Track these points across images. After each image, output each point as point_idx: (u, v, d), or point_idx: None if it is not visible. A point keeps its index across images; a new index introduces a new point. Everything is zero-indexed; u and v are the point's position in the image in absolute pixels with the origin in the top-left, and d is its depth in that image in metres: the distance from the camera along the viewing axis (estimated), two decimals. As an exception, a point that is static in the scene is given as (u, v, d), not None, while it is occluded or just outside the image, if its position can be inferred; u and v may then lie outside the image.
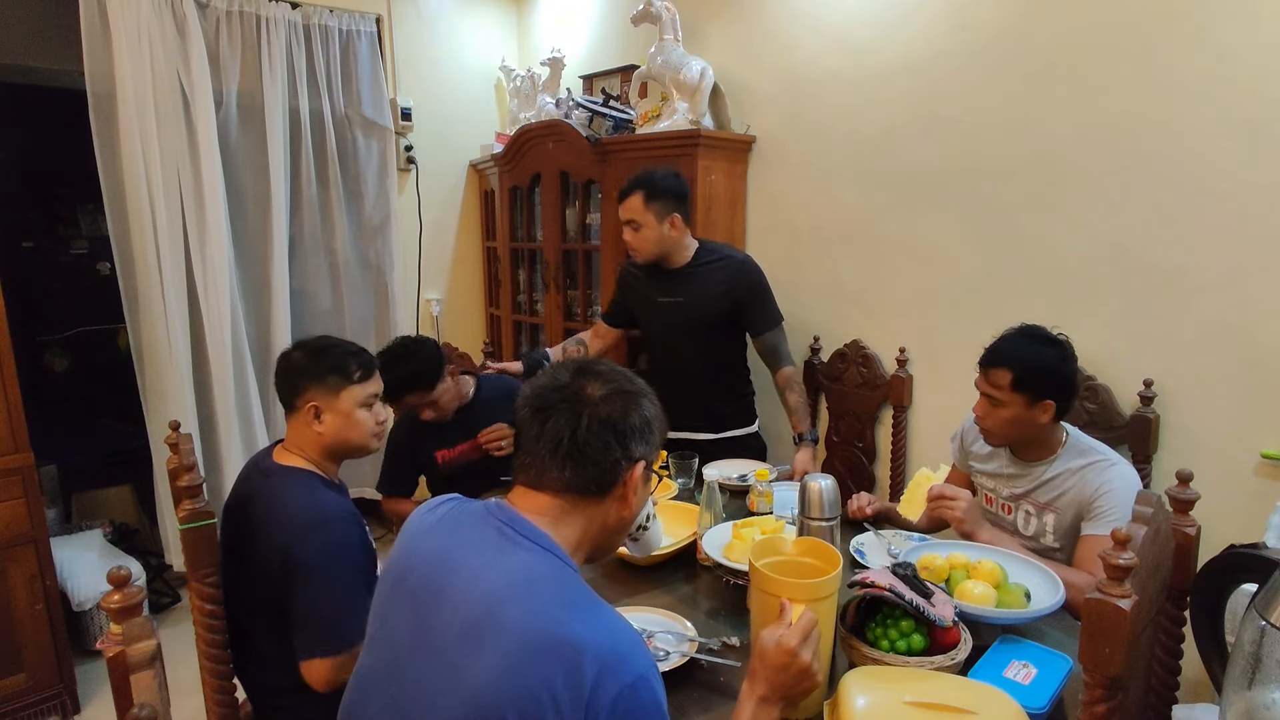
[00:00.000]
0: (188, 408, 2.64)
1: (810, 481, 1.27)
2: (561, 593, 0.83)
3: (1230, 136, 1.56)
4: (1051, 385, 1.44)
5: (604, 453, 0.90)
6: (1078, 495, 1.47)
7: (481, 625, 0.79)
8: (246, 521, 1.36)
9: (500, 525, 0.89)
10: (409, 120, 3.21)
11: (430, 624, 0.84)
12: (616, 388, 0.94)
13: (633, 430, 0.92)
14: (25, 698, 2.14)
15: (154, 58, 2.49)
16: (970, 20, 1.95)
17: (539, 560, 0.86)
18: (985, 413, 1.51)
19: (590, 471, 0.91)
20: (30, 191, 3.85)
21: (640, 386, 0.97)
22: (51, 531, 2.33)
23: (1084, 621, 0.85)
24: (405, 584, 0.90)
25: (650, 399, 0.97)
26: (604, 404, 0.92)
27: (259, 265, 2.88)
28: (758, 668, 0.94)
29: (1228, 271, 1.59)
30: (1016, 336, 1.51)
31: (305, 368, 1.41)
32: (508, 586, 0.82)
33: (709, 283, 2.07)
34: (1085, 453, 1.49)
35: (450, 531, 0.92)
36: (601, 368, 0.97)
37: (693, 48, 2.59)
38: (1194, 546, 1.20)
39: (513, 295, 3.31)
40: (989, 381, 1.48)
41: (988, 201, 1.98)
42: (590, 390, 0.93)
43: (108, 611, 0.89)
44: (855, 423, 2.39)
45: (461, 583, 0.84)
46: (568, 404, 0.91)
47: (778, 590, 1.00)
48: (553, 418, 0.91)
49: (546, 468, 0.91)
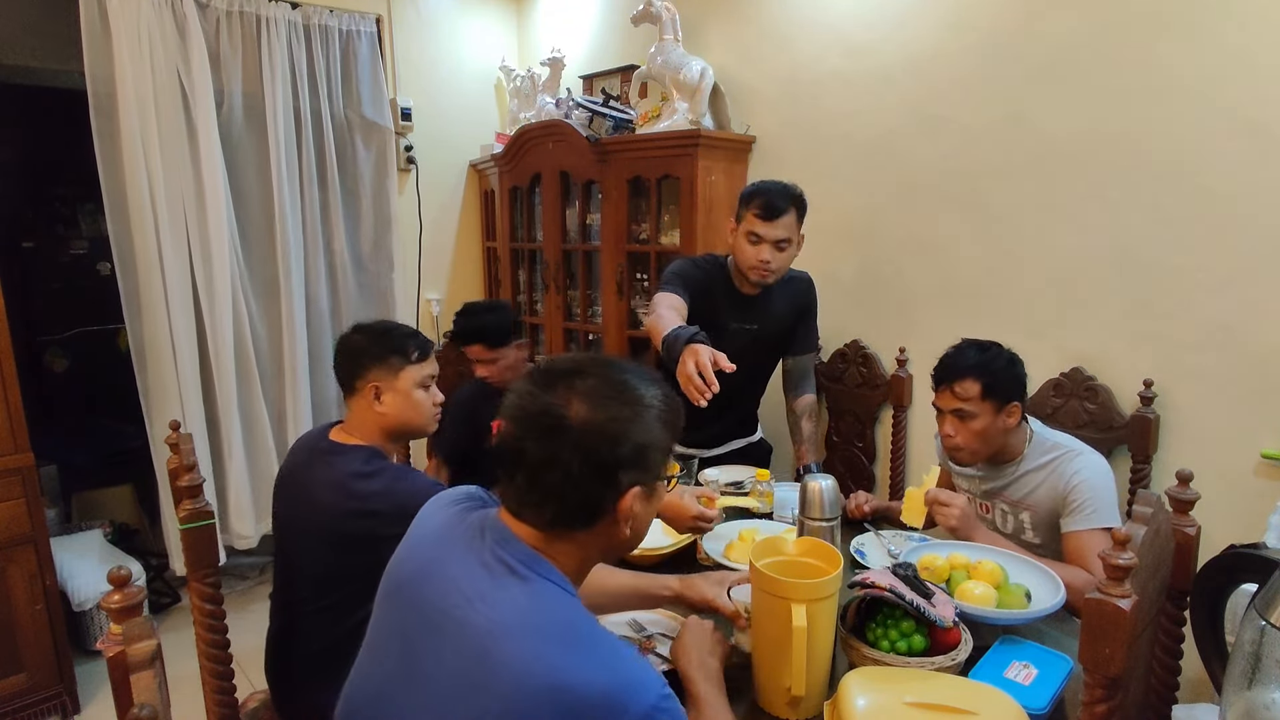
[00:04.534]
0: (191, 408, 2.64)
1: (810, 481, 1.27)
2: (564, 631, 0.76)
3: (1230, 136, 1.56)
4: (1015, 387, 1.48)
5: (586, 490, 0.81)
6: (1050, 490, 1.49)
7: (476, 669, 0.74)
8: (306, 484, 1.38)
9: (496, 548, 0.82)
10: (409, 120, 3.20)
11: (419, 650, 0.80)
12: (606, 406, 0.81)
13: (623, 461, 0.81)
14: (25, 698, 2.14)
15: (154, 58, 2.49)
16: (970, 21, 1.95)
17: (538, 591, 0.79)
18: (955, 429, 1.50)
19: (570, 507, 0.82)
20: (30, 191, 3.84)
21: (638, 397, 0.84)
22: (51, 531, 2.33)
23: (1084, 621, 0.85)
24: (401, 595, 0.86)
25: (649, 412, 0.84)
26: (589, 433, 0.80)
27: (267, 265, 2.88)
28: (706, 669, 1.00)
29: (1228, 271, 1.59)
30: (967, 349, 1.52)
31: (367, 349, 1.43)
32: (505, 624, 0.75)
33: (782, 302, 1.99)
34: (1052, 448, 1.51)
35: (450, 544, 0.86)
36: (591, 376, 0.83)
37: (693, 48, 2.59)
38: (1194, 546, 1.20)
39: (513, 295, 3.31)
40: (956, 396, 1.48)
41: (988, 201, 1.98)
42: (574, 412, 0.80)
43: (108, 611, 0.89)
44: (855, 423, 2.39)
45: (456, 610, 0.78)
46: (545, 433, 0.80)
47: (781, 591, 0.99)
48: (528, 447, 0.81)
49: (524, 503, 0.83)
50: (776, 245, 1.83)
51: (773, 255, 1.83)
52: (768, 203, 1.81)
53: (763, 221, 1.81)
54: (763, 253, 1.83)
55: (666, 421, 0.86)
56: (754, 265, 1.84)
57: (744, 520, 1.63)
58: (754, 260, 1.84)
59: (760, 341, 1.98)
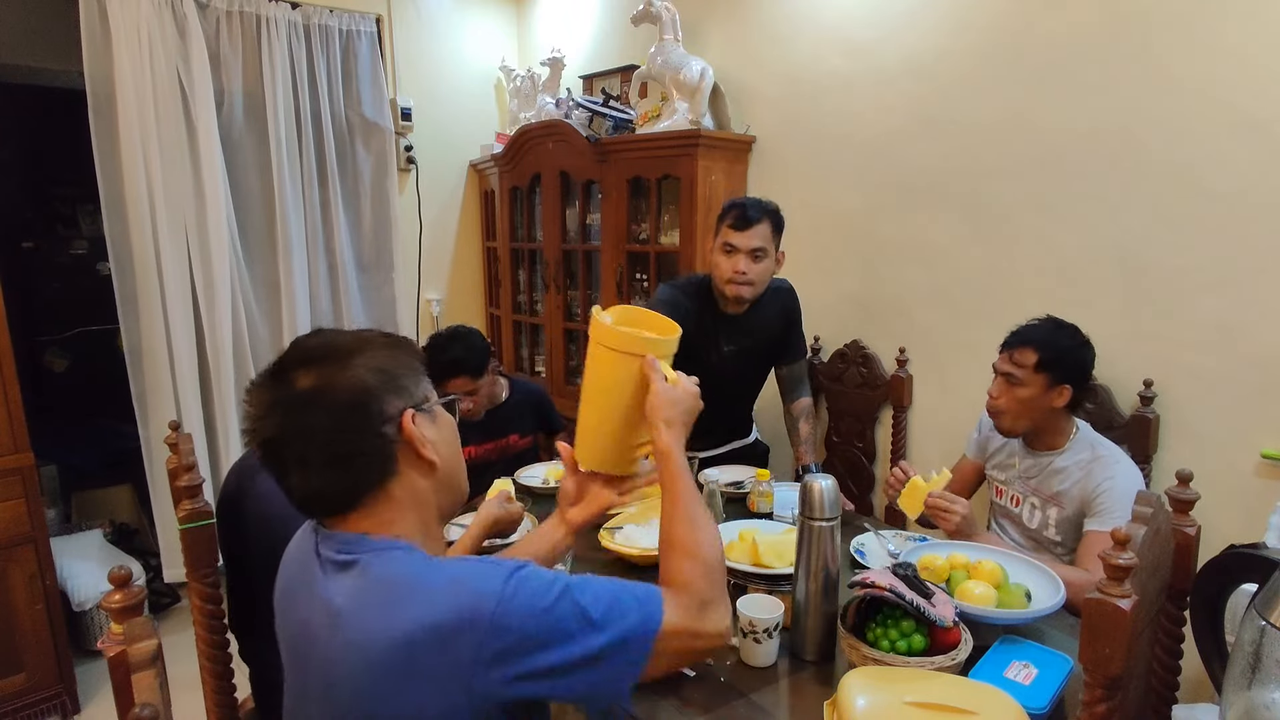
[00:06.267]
0: (189, 409, 2.64)
1: (810, 481, 1.27)
2: (394, 587, 0.74)
3: (1230, 136, 1.56)
4: (1074, 370, 1.50)
5: (354, 440, 0.77)
6: (1082, 490, 1.49)
7: (338, 672, 0.73)
8: (242, 518, 1.35)
9: (322, 549, 0.80)
10: (409, 120, 3.21)
11: (302, 674, 0.80)
12: (323, 362, 0.78)
13: (367, 394, 0.78)
14: (25, 698, 2.14)
15: (154, 58, 2.49)
16: (970, 21, 1.95)
17: (364, 568, 0.76)
18: (1000, 392, 1.55)
19: (356, 469, 0.78)
20: (30, 191, 3.84)
21: (350, 339, 0.82)
22: (51, 531, 2.33)
23: (1084, 621, 0.85)
24: (279, 625, 0.86)
25: (369, 346, 0.81)
26: (321, 390, 0.76)
27: (267, 265, 2.88)
28: (668, 415, 0.97)
29: (1228, 271, 1.59)
30: (1044, 323, 1.56)
31: None
32: (343, 615, 0.74)
33: (770, 313, 1.99)
34: (1093, 447, 1.53)
35: (295, 570, 0.84)
36: (305, 348, 0.80)
37: (693, 48, 2.59)
38: (1194, 546, 1.20)
39: (513, 295, 3.31)
40: (1013, 360, 1.52)
41: (988, 202, 1.98)
42: (303, 384, 0.77)
43: (108, 611, 0.89)
44: (855, 423, 2.39)
45: (303, 641, 0.78)
46: (286, 415, 0.77)
47: (640, 349, 1.01)
48: (279, 438, 0.77)
49: (318, 496, 0.79)
50: (752, 255, 1.83)
51: (748, 266, 1.83)
52: (741, 213, 1.84)
53: (736, 231, 1.83)
54: (738, 263, 1.83)
55: (395, 345, 0.84)
56: (729, 278, 1.84)
57: (744, 520, 1.63)
58: (729, 272, 1.84)
59: (751, 356, 2.02)
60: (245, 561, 1.37)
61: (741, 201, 1.89)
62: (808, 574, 1.19)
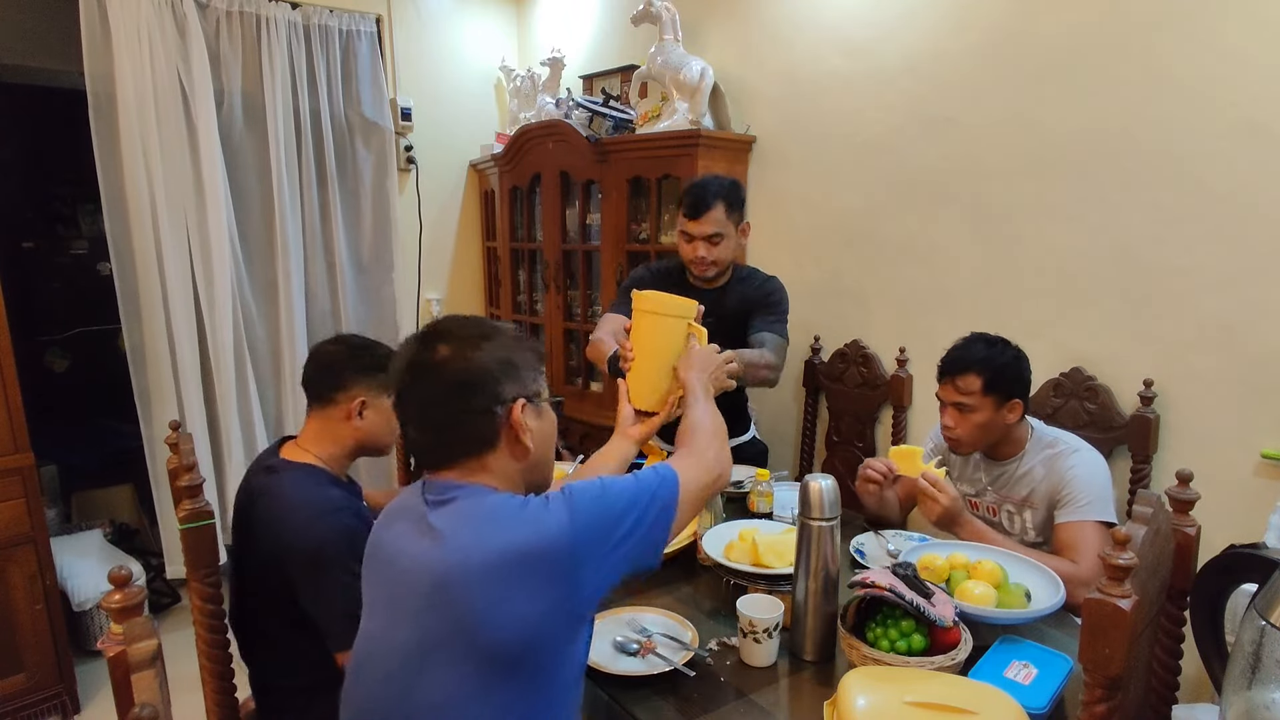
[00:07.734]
0: (191, 409, 2.64)
1: (810, 481, 1.27)
2: (489, 515, 0.87)
3: (1230, 136, 1.56)
4: (1018, 384, 1.50)
5: (466, 413, 0.90)
6: (1048, 486, 1.51)
7: (439, 583, 0.83)
8: (251, 521, 1.35)
9: (426, 495, 0.92)
10: (409, 120, 3.20)
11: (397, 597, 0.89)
12: (463, 343, 0.92)
13: (489, 376, 0.91)
14: (25, 698, 2.14)
15: (154, 58, 2.49)
16: (970, 21, 1.95)
17: (461, 503, 0.88)
18: (955, 421, 1.53)
19: (466, 434, 0.91)
20: (30, 191, 3.84)
21: (490, 329, 0.96)
22: (51, 531, 2.33)
23: (1084, 621, 0.85)
24: (369, 567, 0.97)
25: (502, 336, 0.95)
26: (452, 363, 0.90)
27: (267, 265, 2.88)
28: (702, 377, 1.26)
29: (1228, 271, 1.59)
30: (974, 343, 1.54)
31: (351, 362, 1.39)
32: (444, 534, 0.86)
33: (734, 299, 1.97)
34: (1051, 444, 1.54)
35: (398, 514, 0.96)
36: (450, 325, 0.95)
37: (693, 48, 2.59)
38: (1194, 546, 1.20)
39: (513, 295, 3.31)
40: (958, 390, 1.51)
41: (988, 202, 1.98)
42: (440, 354, 0.91)
43: (109, 611, 0.89)
44: (855, 423, 2.39)
45: (403, 559, 0.89)
46: (419, 378, 0.91)
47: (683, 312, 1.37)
48: (412, 396, 0.92)
49: (430, 450, 0.93)
50: (709, 241, 1.88)
51: (707, 250, 1.88)
52: (692, 201, 1.86)
53: (689, 220, 1.87)
54: (697, 249, 1.88)
55: (522, 341, 0.98)
56: (692, 260, 1.91)
57: (744, 520, 1.63)
58: (690, 256, 1.91)
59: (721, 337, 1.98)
60: (247, 560, 1.37)
61: (694, 186, 1.90)
62: (807, 574, 1.19)
